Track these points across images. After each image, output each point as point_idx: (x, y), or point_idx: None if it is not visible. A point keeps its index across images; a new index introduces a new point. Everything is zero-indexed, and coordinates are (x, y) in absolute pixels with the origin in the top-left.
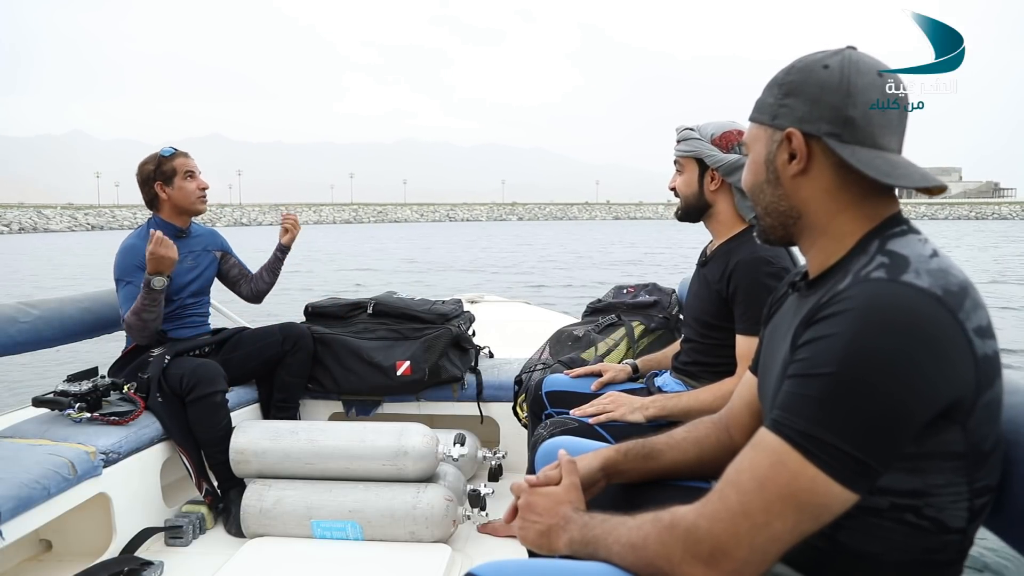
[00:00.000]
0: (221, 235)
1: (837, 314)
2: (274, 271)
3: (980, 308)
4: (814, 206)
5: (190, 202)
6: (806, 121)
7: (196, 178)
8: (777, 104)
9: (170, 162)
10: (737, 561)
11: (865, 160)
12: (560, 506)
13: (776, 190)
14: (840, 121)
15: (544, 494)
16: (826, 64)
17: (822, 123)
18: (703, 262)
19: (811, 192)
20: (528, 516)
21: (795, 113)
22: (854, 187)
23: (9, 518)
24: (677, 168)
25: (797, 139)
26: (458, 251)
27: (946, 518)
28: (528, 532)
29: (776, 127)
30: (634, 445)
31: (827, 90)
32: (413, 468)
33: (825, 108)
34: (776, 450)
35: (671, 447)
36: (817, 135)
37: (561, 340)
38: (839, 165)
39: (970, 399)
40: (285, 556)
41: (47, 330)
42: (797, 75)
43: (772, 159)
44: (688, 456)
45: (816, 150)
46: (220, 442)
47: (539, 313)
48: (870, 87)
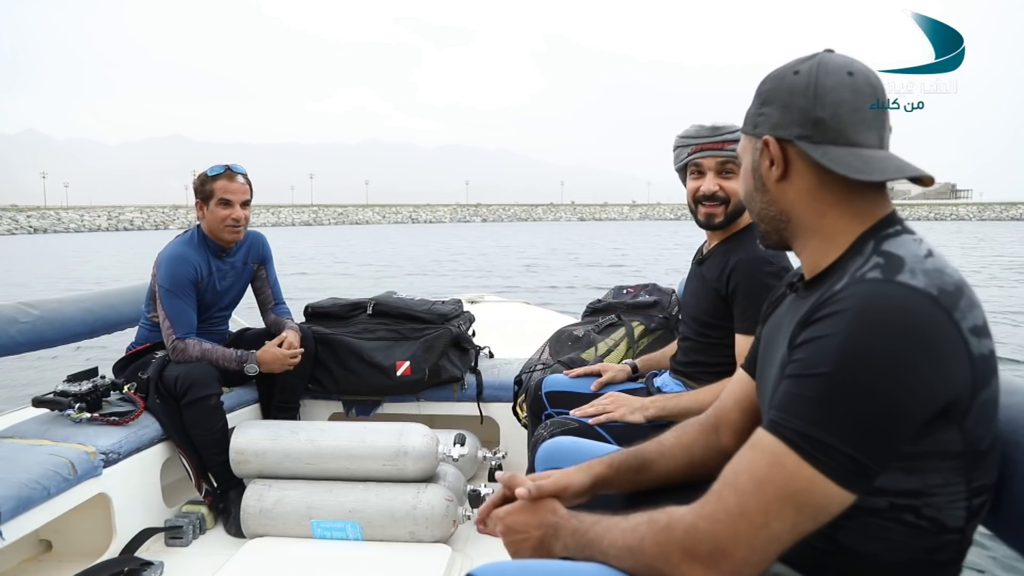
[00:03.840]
0: (266, 242)
1: (833, 315)
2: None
3: (975, 307)
4: (800, 209)
5: (217, 230)
6: (779, 127)
7: (232, 207)
8: (756, 113)
9: (212, 183)
10: (736, 562)
11: (836, 158)
12: (539, 516)
13: (764, 196)
14: (809, 123)
15: (521, 509)
16: (797, 70)
17: (793, 127)
18: (700, 260)
19: (795, 195)
20: (513, 536)
21: (770, 120)
22: (836, 186)
23: (9, 518)
24: (726, 170)
25: (772, 145)
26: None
27: (944, 518)
28: (522, 551)
29: (756, 135)
30: (626, 458)
31: (796, 94)
32: (413, 468)
33: (795, 112)
34: (774, 451)
35: (662, 455)
36: (789, 139)
37: (561, 340)
38: (817, 166)
39: (967, 398)
40: (285, 556)
41: (47, 330)
42: (771, 83)
43: (757, 167)
44: (678, 463)
45: (792, 154)
46: (217, 444)
47: (539, 313)
48: (838, 86)
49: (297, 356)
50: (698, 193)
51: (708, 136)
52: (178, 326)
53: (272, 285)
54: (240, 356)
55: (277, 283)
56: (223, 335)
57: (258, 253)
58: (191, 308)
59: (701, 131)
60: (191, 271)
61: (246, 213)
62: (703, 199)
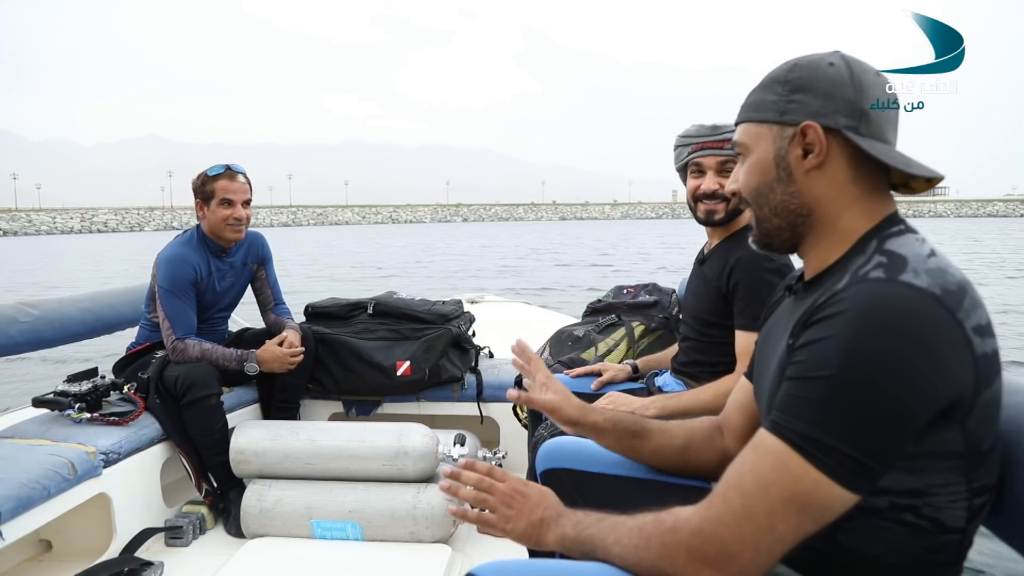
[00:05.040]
0: (265, 242)
1: (836, 315)
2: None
3: (979, 307)
4: (826, 202)
5: (219, 229)
6: (822, 115)
7: (233, 206)
8: (784, 100)
9: (213, 183)
10: (742, 563)
11: (884, 152)
12: (550, 497)
13: (788, 187)
14: (856, 114)
15: (531, 487)
16: (830, 62)
17: (839, 116)
18: (701, 260)
19: (824, 187)
20: (518, 505)
21: (808, 108)
22: (865, 182)
23: (9, 518)
24: (726, 169)
25: (816, 132)
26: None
27: (945, 518)
28: (518, 522)
29: (787, 123)
30: (625, 418)
31: (840, 85)
32: (413, 468)
33: (840, 102)
34: (778, 453)
35: (661, 431)
36: (836, 128)
37: (561, 340)
38: (853, 158)
39: (970, 398)
40: (285, 556)
41: (47, 330)
42: (803, 72)
43: (784, 155)
44: (674, 443)
45: (832, 144)
46: (217, 444)
47: (539, 313)
48: (873, 85)
49: (298, 355)
50: (698, 191)
51: (708, 135)
52: (178, 326)
53: (272, 285)
54: (240, 356)
55: (277, 283)
56: (223, 335)
57: (257, 253)
58: (191, 308)
59: (701, 130)
60: (190, 271)
61: (247, 212)
62: (704, 197)
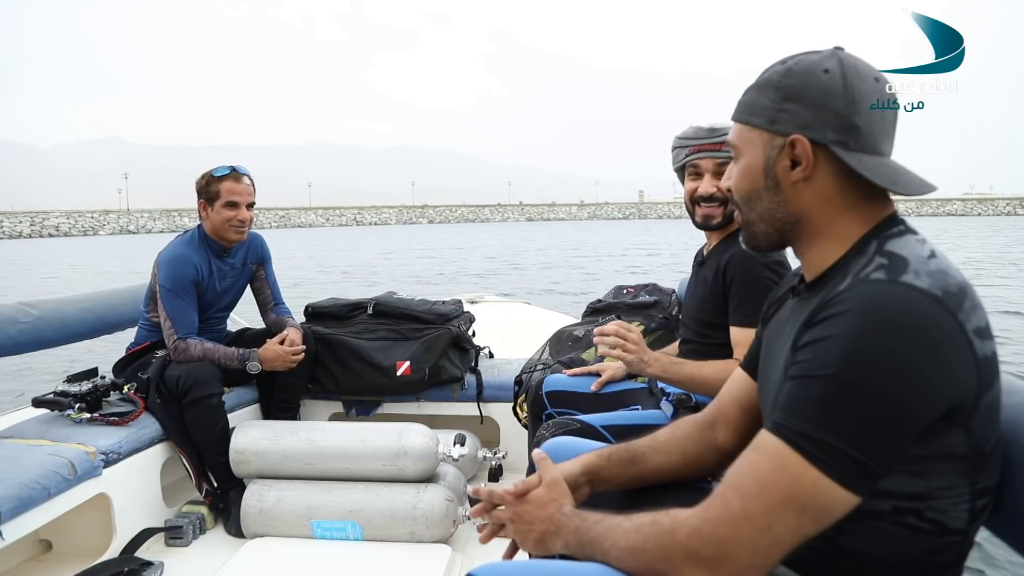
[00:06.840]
0: (264, 243)
1: (837, 316)
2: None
3: (979, 309)
4: (814, 212)
5: (222, 230)
6: (810, 128)
7: (238, 208)
8: (775, 108)
9: (218, 184)
10: (740, 565)
11: (871, 168)
12: (546, 510)
13: (775, 196)
14: (846, 129)
15: (529, 500)
16: (826, 68)
17: (827, 130)
18: (700, 262)
19: (811, 199)
20: (519, 526)
21: (797, 119)
22: (853, 192)
23: (9, 518)
24: (723, 172)
25: (803, 146)
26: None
27: (947, 520)
28: (525, 542)
29: (776, 132)
30: (616, 450)
31: (832, 96)
32: (413, 468)
33: (830, 115)
34: (778, 453)
35: (655, 450)
36: (823, 143)
37: (561, 340)
38: (841, 171)
39: (972, 401)
40: (285, 556)
41: (47, 330)
42: (796, 79)
43: (771, 165)
44: (672, 459)
45: (820, 158)
46: (218, 443)
47: (539, 313)
48: (870, 91)
49: (299, 354)
50: (696, 194)
51: (705, 138)
52: (179, 326)
53: (271, 285)
54: (242, 354)
55: (276, 283)
56: (221, 335)
57: (257, 254)
58: (192, 308)
59: (699, 133)
60: (192, 271)
61: (251, 214)
62: (701, 200)
